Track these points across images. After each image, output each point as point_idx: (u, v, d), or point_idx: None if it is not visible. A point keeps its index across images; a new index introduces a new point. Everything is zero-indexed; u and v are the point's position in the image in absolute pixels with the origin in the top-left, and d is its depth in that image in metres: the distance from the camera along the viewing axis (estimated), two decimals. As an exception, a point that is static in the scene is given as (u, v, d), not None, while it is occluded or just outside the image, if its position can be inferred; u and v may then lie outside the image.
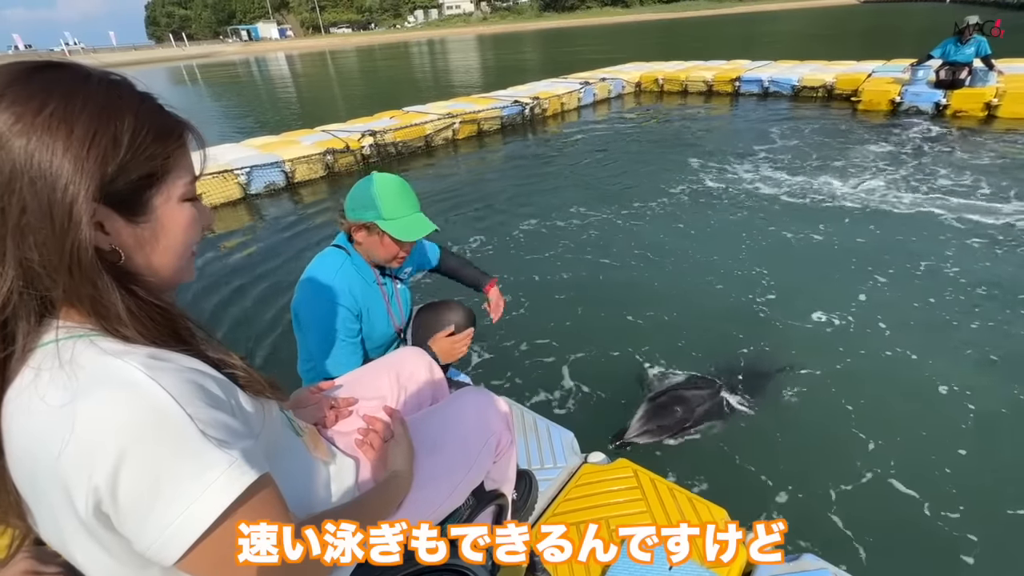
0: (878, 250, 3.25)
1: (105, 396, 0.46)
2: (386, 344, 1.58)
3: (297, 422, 0.80)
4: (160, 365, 0.49)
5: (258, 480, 0.51)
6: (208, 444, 0.48)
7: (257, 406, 0.63)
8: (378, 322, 1.50)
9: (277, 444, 0.68)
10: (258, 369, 0.66)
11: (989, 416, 1.95)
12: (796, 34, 24.40)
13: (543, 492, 1.44)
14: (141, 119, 0.51)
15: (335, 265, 1.39)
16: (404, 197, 1.34)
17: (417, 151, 6.65)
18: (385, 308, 1.51)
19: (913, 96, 6.68)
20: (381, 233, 1.34)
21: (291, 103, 13.80)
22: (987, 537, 1.52)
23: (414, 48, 38.91)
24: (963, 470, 1.74)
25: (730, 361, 2.35)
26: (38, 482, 0.47)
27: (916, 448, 1.85)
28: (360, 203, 1.32)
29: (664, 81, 9.78)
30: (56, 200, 0.46)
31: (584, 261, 3.45)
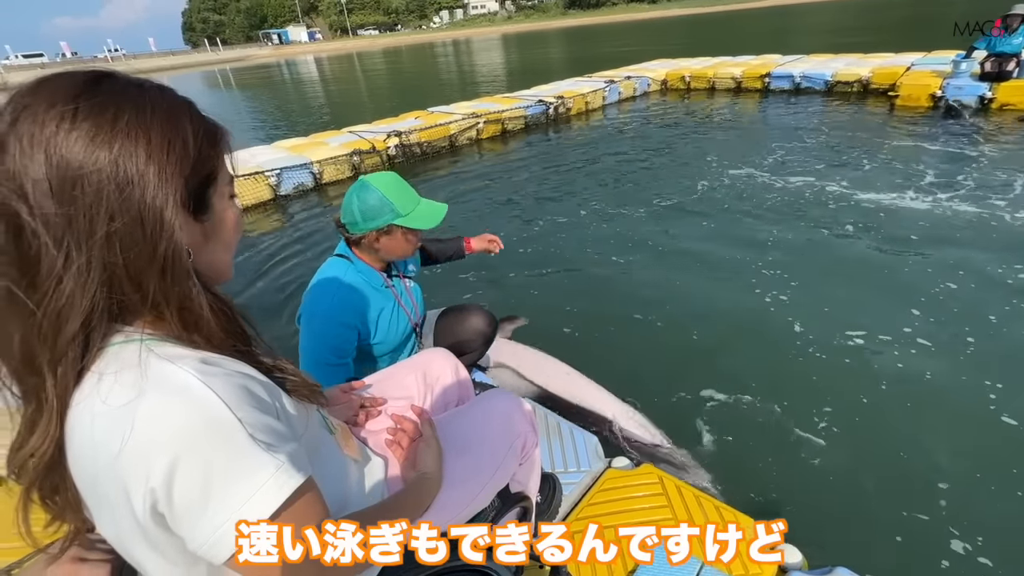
0: (917, 261, 3.11)
1: (161, 401, 0.47)
2: (403, 343, 1.58)
3: (330, 420, 0.82)
4: (211, 370, 0.51)
5: (304, 483, 0.53)
6: (257, 448, 0.49)
7: (300, 409, 0.65)
8: (392, 323, 1.50)
9: (315, 445, 0.70)
10: None
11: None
12: (830, 26, 23.61)
13: (567, 496, 1.44)
14: (196, 122, 0.54)
15: (338, 275, 1.39)
16: (407, 190, 1.36)
17: (441, 151, 6.70)
18: (398, 307, 1.52)
19: (955, 90, 6.39)
20: (404, 231, 1.36)
21: (320, 105, 14.10)
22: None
23: (439, 49, 39.22)
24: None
25: (759, 371, 2.30)
26: (99, 483, 0.49)
27: (975, 478, 1.77)
28: (373, 211, 1.32)
29: (691, 78, 9.60)
30: (147, 206, 0.48)
31: (607, 262, 3.42)
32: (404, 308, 1.55)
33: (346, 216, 1.36)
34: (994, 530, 1.53)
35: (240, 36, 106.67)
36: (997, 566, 1.44)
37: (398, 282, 1.54)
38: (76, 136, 0.46)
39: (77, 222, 0.46)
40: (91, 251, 0.46)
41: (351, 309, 1.37)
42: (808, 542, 1.29)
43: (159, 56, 67.05)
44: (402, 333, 1.55)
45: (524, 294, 3.14)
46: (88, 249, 0.46)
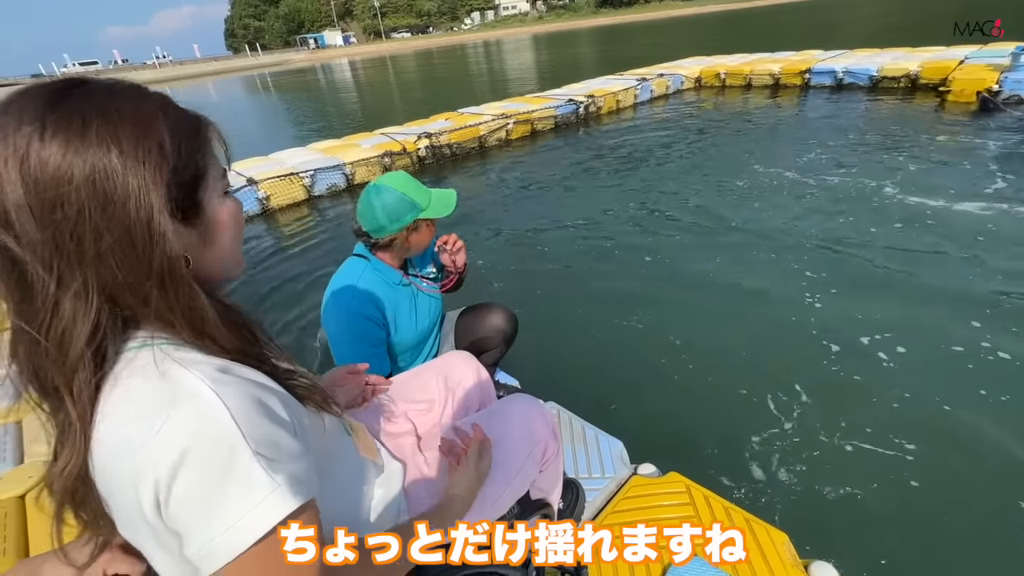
0: (972, 277, 2.94)
1: (172, 407, 0.47)
2: (423, 340, 1.59)
3: (348, 420, 0.82)
4: (225, 379, 0.50)
5: (302, 506, 0.51)
6: (256, 466, 0.48)
7: (315, 418, 0.64)
8: (411, 319, 1.51)
9: (330, 450, 0.70)
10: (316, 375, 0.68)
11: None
12: (876, 19, 22.59)
13: (590, 502, 1.41)
14: (171, 121, 0.51)
15: (355, 275, 1.41)
16: (418, 184, 1.39)
17: (471, 152, 6.73)
18: (416, 304, 1.53)
19: (1015, 84, 5.99)
20: (427, 223, 1.40)
21: (353, 107, 14.40)
22: None
23: (470, 50, 39.50)
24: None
25: (805, 378, 2.21)
26: (115, 489, 0.49)
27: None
28: (398, 212, 1.34)
29: (726, 75, 9.35)
30: (132, 221, 0.47)
31: (637, 263, 3.36)
32: (422, 305, 1.56)
33: (369, 223, 1.36)
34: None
35: (278, 41, 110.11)
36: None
37: (416, 280, 1.55)
38: (48, 155, 0.44)
39: (64, 245, 0.45)
40: (85, 272, 0.46)
41: (371, 304, 1.40)
42: (840, 558, 1.23)
43: (203, 62, 69.96)
44: (422, 330, 1.56)
45: (538, 297, 3.12)
46: (82, 270, 0.46)
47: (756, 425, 1.99)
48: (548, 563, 0.69)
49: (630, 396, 2.21)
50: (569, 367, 2.43)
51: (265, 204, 5.19)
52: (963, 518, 1.55)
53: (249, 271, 3.90)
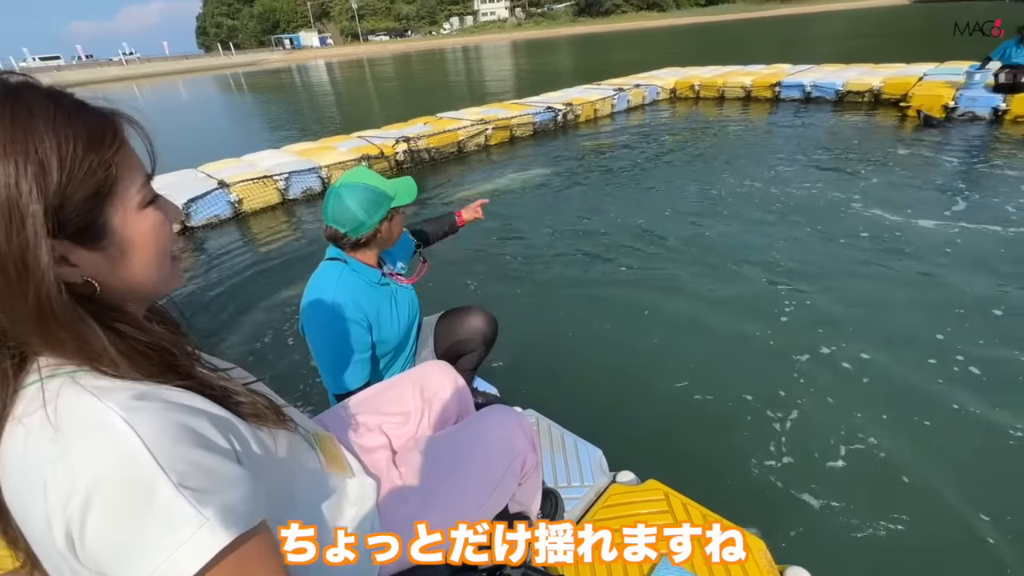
0: (933, 288, 3.06)
1: (79, 442, 0.43)
2: (404, 340, 1.57)
3: (313, 432, 0.78)
4: (142, 406, 0.45)
5: (239, 538, 0.46)
6: (181, 500, 0.43)
7: (268, 438, 0.60)
8: (393, 319, 1.49)
9: (290, 469, 0.66)
10: (280, 387, 0.64)
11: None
12: (841, 36, 23.52)
13: (569, 511, 1.40)
14: (61, 130, 0.44)
15: (333, 278, 1.37)
16: (379, 176, 1.39)
17: (450, 157, 6.71)
18: (396, 302, 1.51)
19: (969, 101, 6.32)
20: (398, 212, 1.41)
21: (330, 109, 14.21)
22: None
23: (449, 55, 39.50)
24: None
25: (772, 388, 2.26)
26: (32, 530, 0.46)
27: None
28: (372, 207, 1.33)
29: (700, 87, 9.58)
30: (4, 253, 0.41)
31: (614, 271, 3.39)
32: (401, 302, 1.54)
33: (347, 224, 1.33)
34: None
35: (253, 41, 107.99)
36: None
37: (390, 279, 1.53)
38: None
39: None
40: None
41: (354, 307, 1.36)
42: (819, 563, 1.25)
43: (173, 60, 68.00)
44: (403, 329, 1.54)
45: (517, 304, 3.11)
46: None
47: (733, 433, 2.02)
48: None
49: (609, 403, 2.22)
50: (547, 374, 2.43)
51: (237, 208, 5.06)
52: (938, 528, 1.60)
53: (221, 277, 3.79)
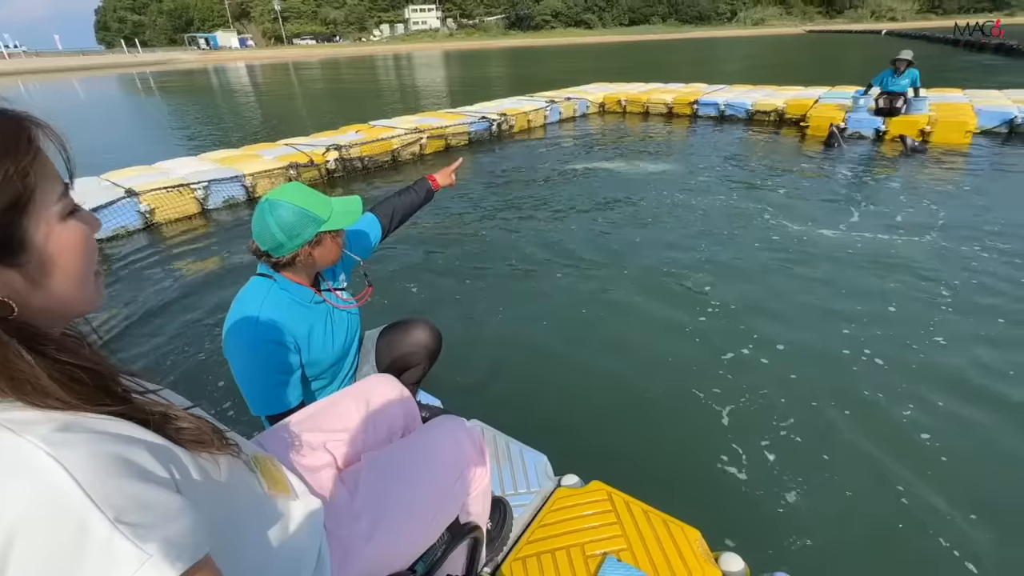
0: (815, 273, 3.41)
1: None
2: (342, 359, 1.51)
3: (253, 455, 0.74)
4: (69, 438, 0.42)
5: (184, 574, 0.44)
6: (119, 537, 0.40)
7: (208, 463, 0.57)
8: (327, 339, 1.42)
9: (232, 496, 0.62)
10: (219, 412, 0.60)
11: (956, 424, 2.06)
12: (749, 59, 25.74)
13: (517, 519, 1.42)
14: None
15: (259, 295, 1.29)
16: (316, 195, 1.31)
17: (384, 166, 6.59)
18: (332, 321, 1.45)
19: (856, 122, 7.13)
20: (331, 235, 1.32)
21: (252, 115, 13.46)
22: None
23: (380, 62, 38.81)
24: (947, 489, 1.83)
25: (692, 385, 2.40)
26: None
27: (878, 472, 1.92)
28: (297, 228, 1.25)
29: (627, 102, 10.09)
30: None
31: (548, 278, 3.47)
32: (339, 322, 1.48)
33: (266, 242, 1.26)
34: (916, 525, 1.67)
35: (162, 39, 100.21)
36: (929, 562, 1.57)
37: (330, 296, 1.47)
38: None
39: None
40: None
41: (280, 327, 1.29)
42: (751, 550, 1.35)
43: (67, 55, 61.56)
44: (340, 349, 1.48)
45: (455, 313, 3.12)
46: None
47: (669, 429, 2.13)
48: None
49: (552, 408, 2.27)
50: (490, 383, 2.44)
51: (148, 218, 4.66)
52: (864, 503, 1.77)
53: (135, 293, 3.47)
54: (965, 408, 2.15)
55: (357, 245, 1.63)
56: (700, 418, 2.18)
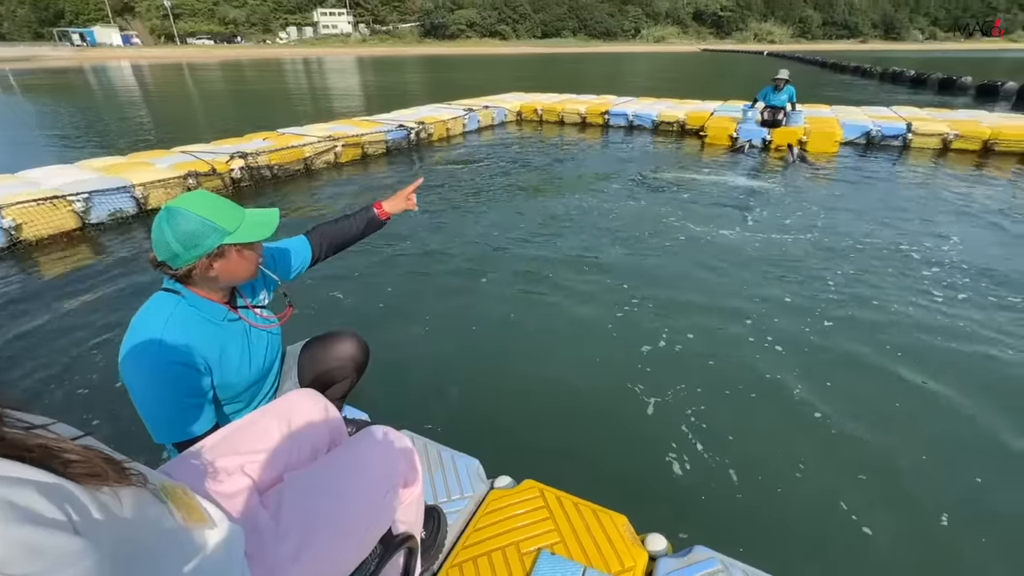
0: (737, 286, 3.75)
1: None
2: (260, 380, 1.43)
3: (161, 485, 0.69)
4: None
5: None
6: None
7: (105, 499, 0.52)
8: (243, 360, 1.33)
9: (138, 531, 0.57)
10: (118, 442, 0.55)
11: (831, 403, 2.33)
12: (652, 74, 27.60)
13: (452, 525, 1.41)
14: None
15: (164, 314, 1.19)
16: (226, 204, 1.23)
17: (296, 175, 6.28)
18: (248, 341, 1.36)
19: (746, 133, 7.90)
20: (238, 249, 1.22)
21: (141, 120, 12.21)
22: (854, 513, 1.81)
23: (288, 66, 36.87)
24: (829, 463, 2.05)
25: (620, 380, 2.53)
26: None
27: (770, 447, 2.14)
28: (194, 237, 1.16)
29: (543, 111, 10.42)
30: None
31: (469, 283, 3.50)
32: (257, 341, 1.39)
33: (162, 252, 1.17)
34: (823, 500, 1.87)
35: (25, 32, 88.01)
36: (828, 534, 1.76)
37: (247, 313, 1.38)
38: None
39: None
40: None
41: (188, 347, 1.19)
42: (673, 528, 1.45)
43: (-103, 47, 52.08)
44: (257, 370, 1.39)
45: (378, 321, 3.05)
46: None
47: (594, 422, 2.22)
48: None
49: (482, 412, 2.28)
50: (418, 392, 2.41)
51: (14, 235, 4.08)
52: (770, 481, 1.95)
53: (2, 322, 3.01)
54: (854, 385, 2.45)
55: (281, 265, 1.55)
56: (623, 410, 2.29)
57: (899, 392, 2.39)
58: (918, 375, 2.50)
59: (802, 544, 1.68)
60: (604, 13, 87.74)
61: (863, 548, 1.66)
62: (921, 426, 2.18)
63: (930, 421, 2.21)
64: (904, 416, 2.24)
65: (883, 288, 3.38)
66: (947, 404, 2.31)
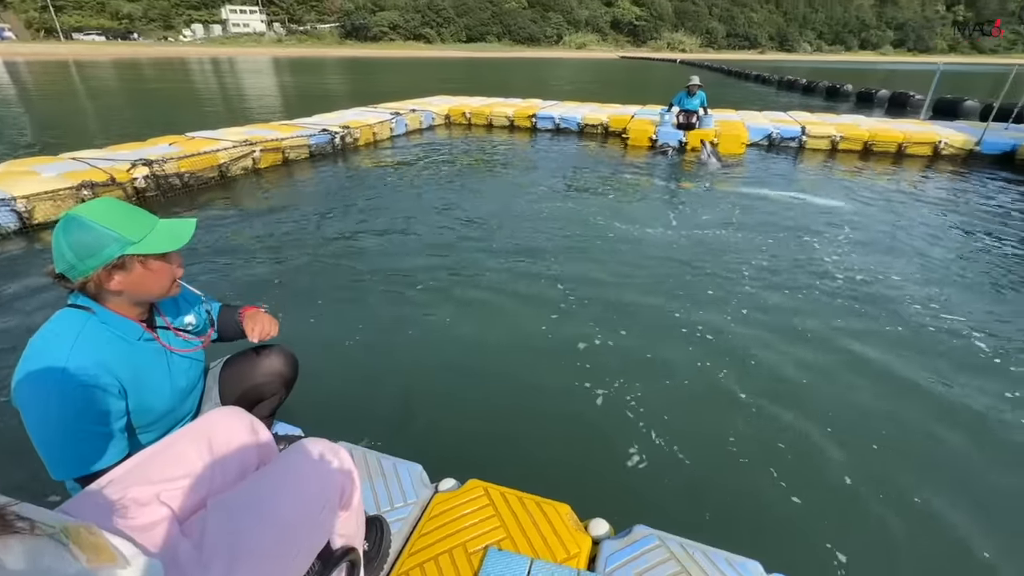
0: (660, 279, 3.95)
1: None
2: (178, 405, 1.32)
3: (61, 527, 0.63)
4: None
5: None
6: None
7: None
8: (159, 383, 1.23)
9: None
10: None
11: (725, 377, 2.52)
12: (575, 79, 28.50)
13: (397, 533, 1.38)
14: None
15: (71, 333, 1.08)
16: (133, 212, 1.14)
17: (209, 183, 5.85)
18: (165, 363, 1.26)
19: (664, 135, 8.37)
20: (142, 261, 1.12)
21: (19, 124, 10.84)
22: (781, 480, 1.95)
23: (195, 66, 34.28)
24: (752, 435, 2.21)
25: (550, 374, 2.59)
26: None
27: (695, 425, 2.28)
28: (91, 247, 1.06)
29: (471, 115, 10.45)
30: None
31: (408, 288, 3.44)
32: (178, 362, 1.29)
33: (60, 263, 1.07)
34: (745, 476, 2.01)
35: None
36: (748, 512, 1.90)
37: (167, 334, 1.27)
38: None
39: None
40: None
41: (99, 368, 1.07)
42: (614, 512, 1.50)
43: None
44: (178, 392, 1.29)
45: (306, 331, 2.93)
46: None
47: (534, 417, 2.25)
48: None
49: (424, 417, 2.24)
50: (354, 402, 2.33)
51: None
52: (700, 459, 2.06)
53: None
54: (772, 366, 2.66)
55: (194, 299, 1.44)
56: (562, 404, 2.35)
57: (812, 370, 2.63)
58: (826, 353, 2.77)
59: (735, 513, 1.80)
60: (527, 19, 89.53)
61: (790, 513, 1.81)
62: (826, 397, 2.42)
63: (836, 393, 2.46)
64: (814, 390, 2.47)
65: (792, 275, 3.71)
66: (853, 377, 2.57)
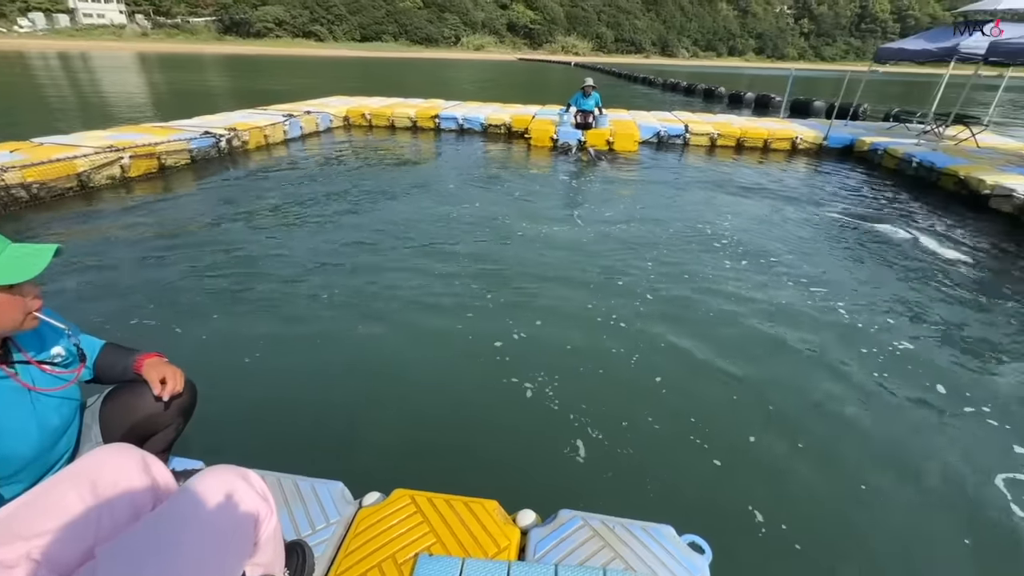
0: (575, 270, 4.12)
1: None
2: (46, 451, 1.15)
3: None
4: None
5: None
6: None
7: None
8: (22, 426, 1.08)
9: None
10: None
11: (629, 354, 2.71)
12: (475, 80, 28.70)
13: (321, 556, 1.32)
14: None
15: None
16: None
17: (65, 194, 5.11)
18: (26, 403, 1.10)
19: (564, 134, 8.71)
20: None
21: None
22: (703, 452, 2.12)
23: (38, 62, 29.58)
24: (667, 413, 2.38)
25: (467, 375, 2.61)
26: None
27: (614, 413, 2.42)
28: None
29: (371, 116, 10.12)
30: None
31: (312, 300, 3.27)
32: (45, 401, 1.12)
33: None
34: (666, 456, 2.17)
35: None
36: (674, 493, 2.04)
37: (27, 371, 1.10)
38: None
39: None
40: None
41: None
42: (540, 501, 1.55)
43: None
44: (48, 433, 1.12)
45: (200, 351, 2.70)
46: None
47: (454, 420, 2.26)
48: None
49: (339, 433, 2.15)
50: (262, 426, 2.17)
51: None
52: (618, 441, 2.18)
53: None
54: (679, 348, 2.89)
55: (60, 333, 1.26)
56: (483, 402, 2.38)
57: (715, 344, 2.89)
58: (727, 326, 3.07)
59: (654, 485, 1.94)
60: (424, 19, 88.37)
61: (702, 479, 1.99)
62: (732, 369, 2.68)
63: (744, 367, 2.73)
64: (722, 367, 2.73)
65: (687, 262, 4.06)
66: (753, 348, 2.87)
